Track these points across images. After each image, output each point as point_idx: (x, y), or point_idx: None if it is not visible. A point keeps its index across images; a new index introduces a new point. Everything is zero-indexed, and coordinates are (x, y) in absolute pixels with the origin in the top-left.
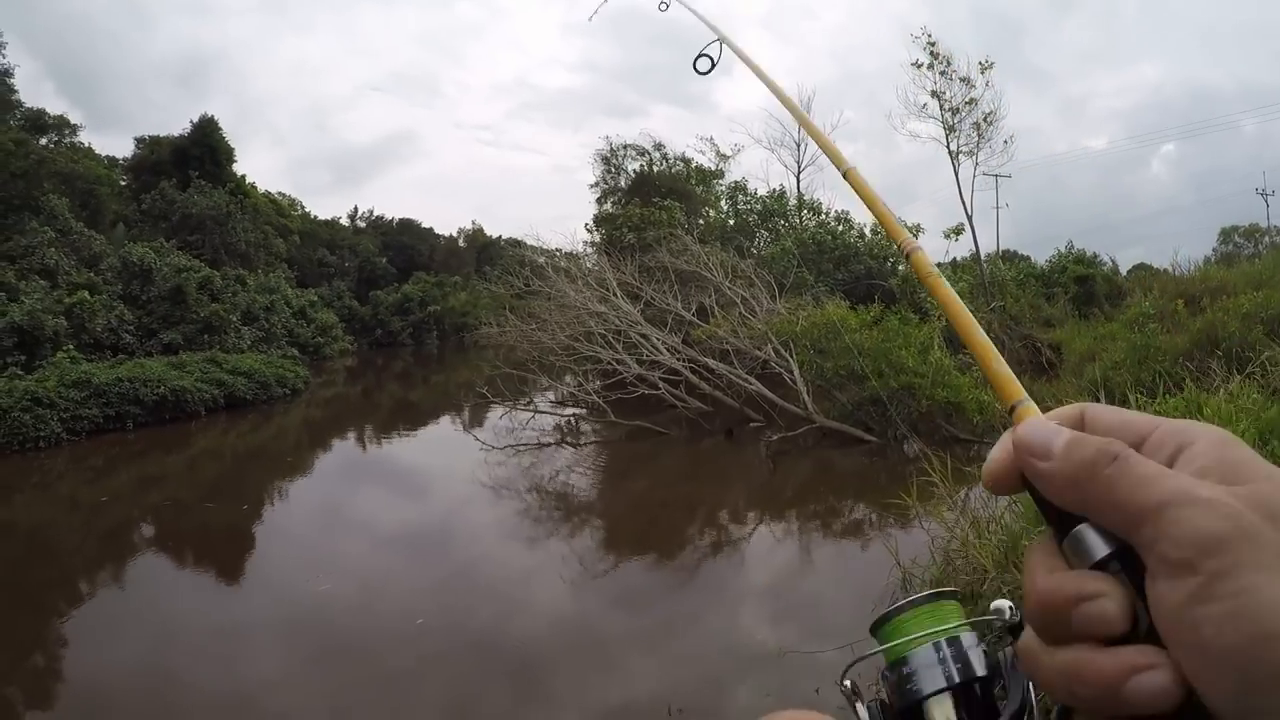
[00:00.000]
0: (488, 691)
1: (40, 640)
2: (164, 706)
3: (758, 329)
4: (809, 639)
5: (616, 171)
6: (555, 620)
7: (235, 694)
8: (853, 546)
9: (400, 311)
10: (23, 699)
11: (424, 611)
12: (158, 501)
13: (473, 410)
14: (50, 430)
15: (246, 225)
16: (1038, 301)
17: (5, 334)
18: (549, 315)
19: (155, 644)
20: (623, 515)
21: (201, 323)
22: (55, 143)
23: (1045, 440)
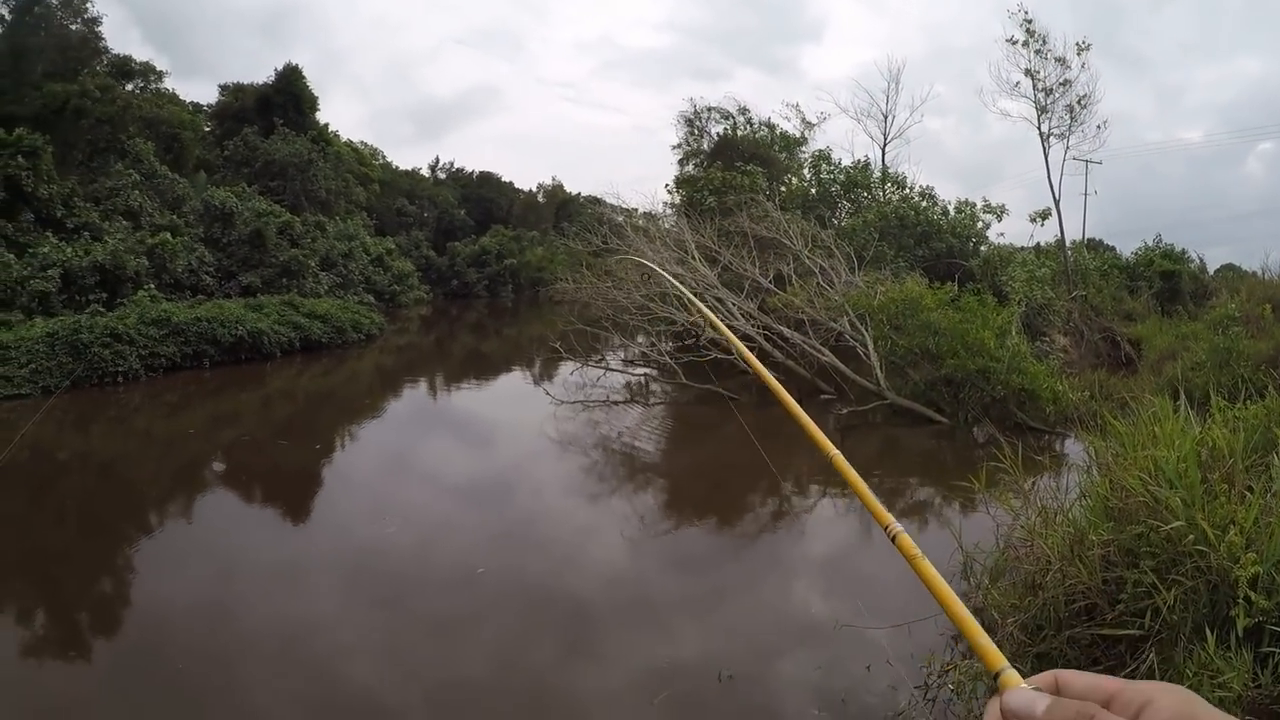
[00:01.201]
0: (539, 643)
1: (109, 567)
2: (221, 638)
3: (834, 300)
4: (861, 617)
5: (699, 134)
6: (611, 578)
7: (291, 630)
8: (912, 527)
9: (477, 263)
10: (89, 622)
11: (483, 561)
12: (230, 439)
13: (544, 364)
14: (128, 366)
15: (327, 172)
16: (1120, 294)
17: (88, 272)
18: (625, 274)
19: (218, 577)
20: (686, 478)
21: (280, 267)
22: (141, 89)
23: (1029, 706)
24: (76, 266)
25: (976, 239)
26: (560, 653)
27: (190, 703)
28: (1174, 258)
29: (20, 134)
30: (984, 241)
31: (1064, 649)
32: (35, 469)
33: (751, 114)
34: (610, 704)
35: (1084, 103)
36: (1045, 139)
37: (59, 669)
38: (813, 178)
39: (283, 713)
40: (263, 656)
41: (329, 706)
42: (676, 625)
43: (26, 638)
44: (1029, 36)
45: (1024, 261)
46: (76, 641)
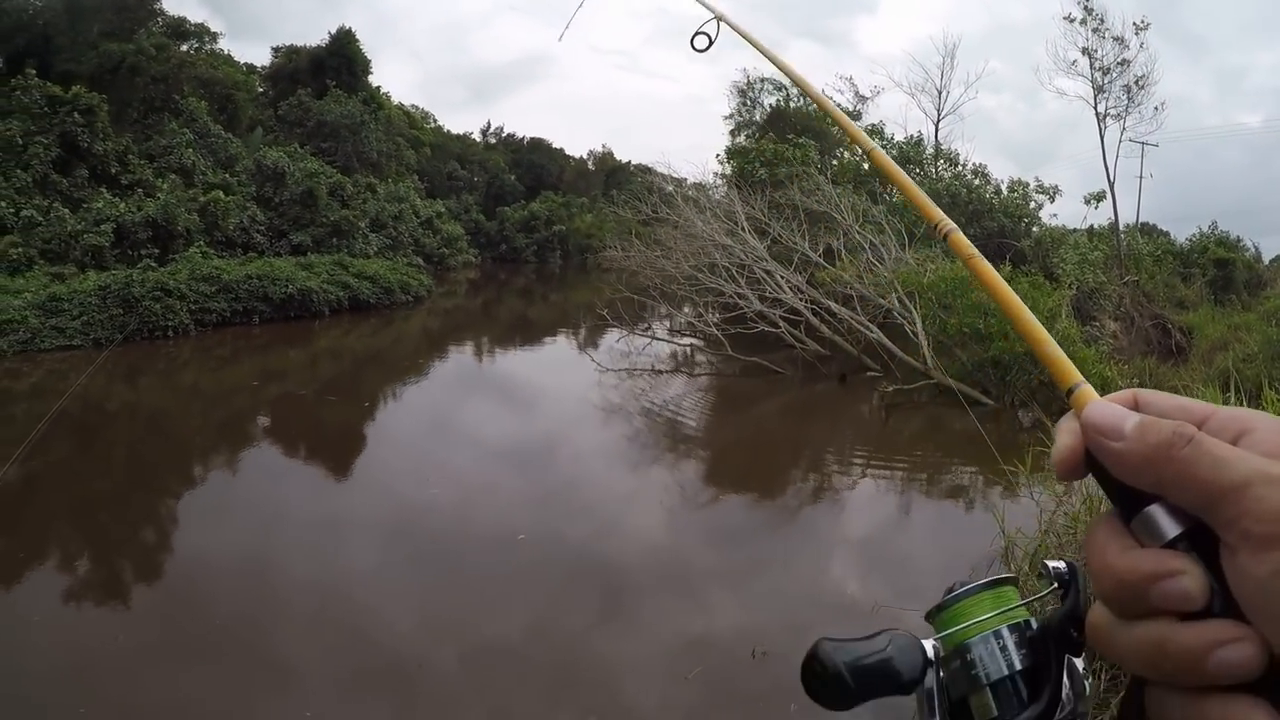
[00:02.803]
0: (575, 610)
1: (152, 517)
2: (260, 589)
3: (884, 277)
4: (897, 598)
5: (752, 105)
6: (650, 547)
7: (329, 587)
8: (955, 509)
9: (526, 229)
10: (131, 569)
11: (523, 525)
12: (276, 394)
13: (590, 331)
14: (179, 320)
15: (379, 135)
16: (1173, 281)
17: (141, 227)
18: (674, 243)
19: (259, 531)
20: (728, 449)
21: (330, 226)
22: (195, 49)
23: (1116, 422)
24: (129, 222)
25: (1029, 219)
26: (596, 621)
27: (226, 654)
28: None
29: (77, 91)
30: (1036, 222)
31: None
32: (85, 419)
33: None
34: (644, 675)
35: (1142, 83)
36: (1101, 119)
37: (99, 614)
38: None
39: (317, 668)
40: (300, 612)
41: (363, 663)
42: (712, 598)
43: (69, 582)
44: (1087, 14)
45: (1076, 244)
46: (117, 589)
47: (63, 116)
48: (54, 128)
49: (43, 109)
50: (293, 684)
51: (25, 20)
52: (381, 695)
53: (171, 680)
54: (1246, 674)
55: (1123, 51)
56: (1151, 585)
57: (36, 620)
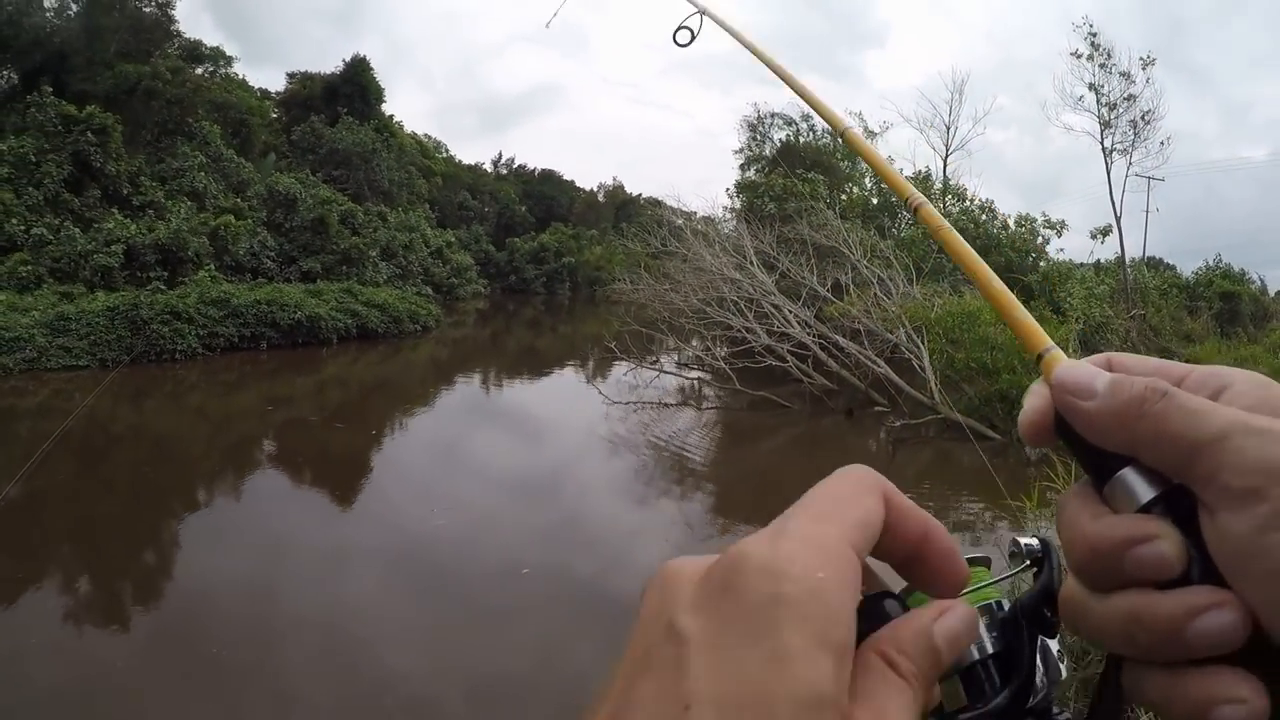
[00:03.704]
0: (579, 645)
1: (155, 540)
2: (260, 618)
3: (891, 311)
4: None
5: (762, 139)
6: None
7: (330, 615)
8: (962, 544)
9: (535, 260)
10: (131, 592)
11: (528, 559)
12: (283, 420)
13: (598, 363)
14: (187, 344)
15: (391, 163)
16: (1179, 314)
17: (151, 250)
18: (683, 277)
19: (261, 557)
20: (735, 483)
21: (341, 254)
22: (210, 73)
23: (1087, 380)
24: (140, 244)
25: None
26: (600, 656)
27: (226, 681)
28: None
29: (91, 111)
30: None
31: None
32: (90, 440)
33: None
34: None
35: (1148, 118)
36: (1108, 154)
37: (98, 637)
38: (874, 187)
39: (318, 697)
40: (300, 642)
41: (365, 693)
42: None
43: (69, 605)
44: (1093, 50)
45: (1083, 278)
46: (117, 613)
47: (76, 136)
48: (67, 146)
49: (56, 127)
50: (291, 715)
51: (42, 37)
52: None
53: (169, 708)
54: (1228, 643)
55: (1129, 87)
56: (1125, 552)
57: (34, 643)
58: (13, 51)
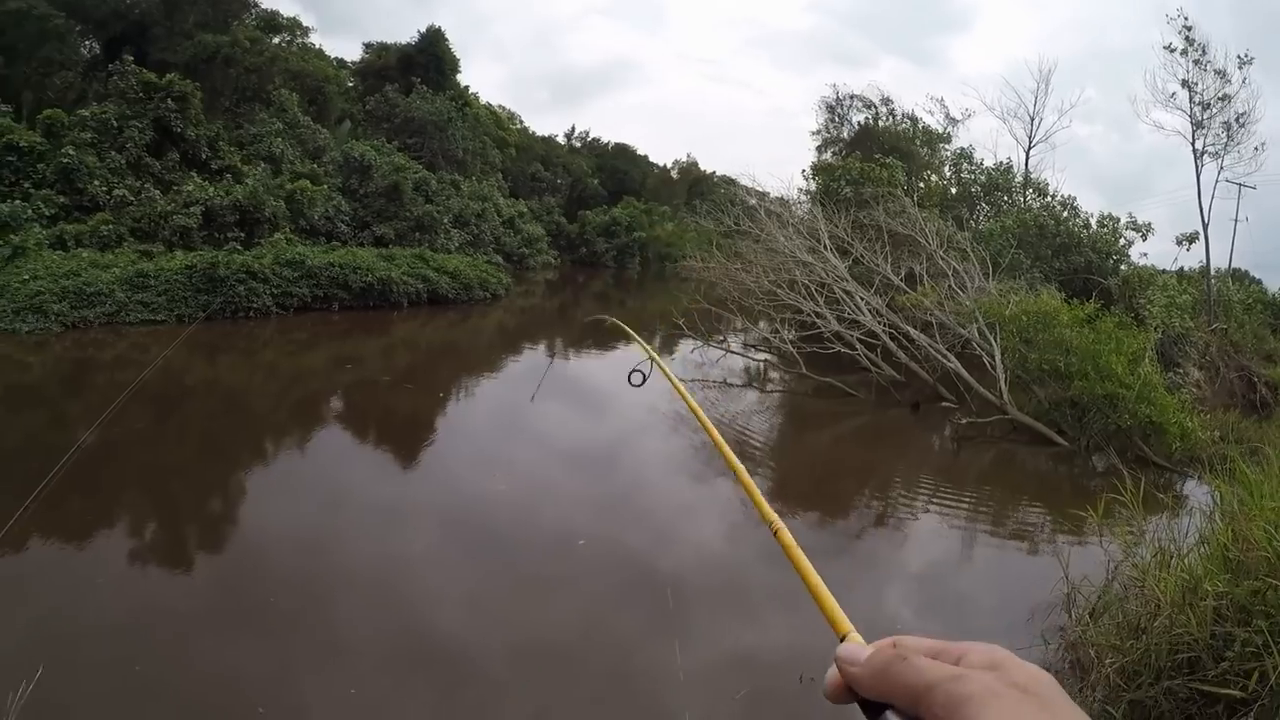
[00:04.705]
0: (628, 617)
1: (220, 488)
2: (315, 569)
3: (965, 306)
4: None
5: (840, 122)
6: (707, 561)
7: (385, 569)
8: (1019, 550)
9: (606, 233)
10: (197, 536)
11: (584, 530)
12: (351, 378)
13: (664, 339)
14: (261, 302)
15: (465, 133)
16: (1263, 332)
17: (228, 211)
18: (754, 257)
19: (321, 510)
20: (795, 469)
21: (414, 220)
22: (287, 43)
23: (855, 653)
24: (217, 205)
25: (1117, 256)
26: (647, 630)
27: (279, 627)
28: None
29: (171, 79)
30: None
31: (1160, 699)
32: (164, 392)
33: (894, 105)
34: (691, 689)
35: (1242, 121)
36: (1198, 157)
37: (160, 579)
38: (953, 176)
39: (366, 648)
40: (354, 592)
41: (411, 648)
42: (764, 617)
43: (135, 546)
44: (1188, 45)
45: (1165, 285)
46: (180, 556)
47: (157, 102)
48: (148, 112)
49: (138, 94)
50: (340, 660)
51: (122, 9)
52: (426, 680)
53: (223, 646)
54: None
55: (1224, 86)
56: None
57: (100, 581)
58: (94, 23)
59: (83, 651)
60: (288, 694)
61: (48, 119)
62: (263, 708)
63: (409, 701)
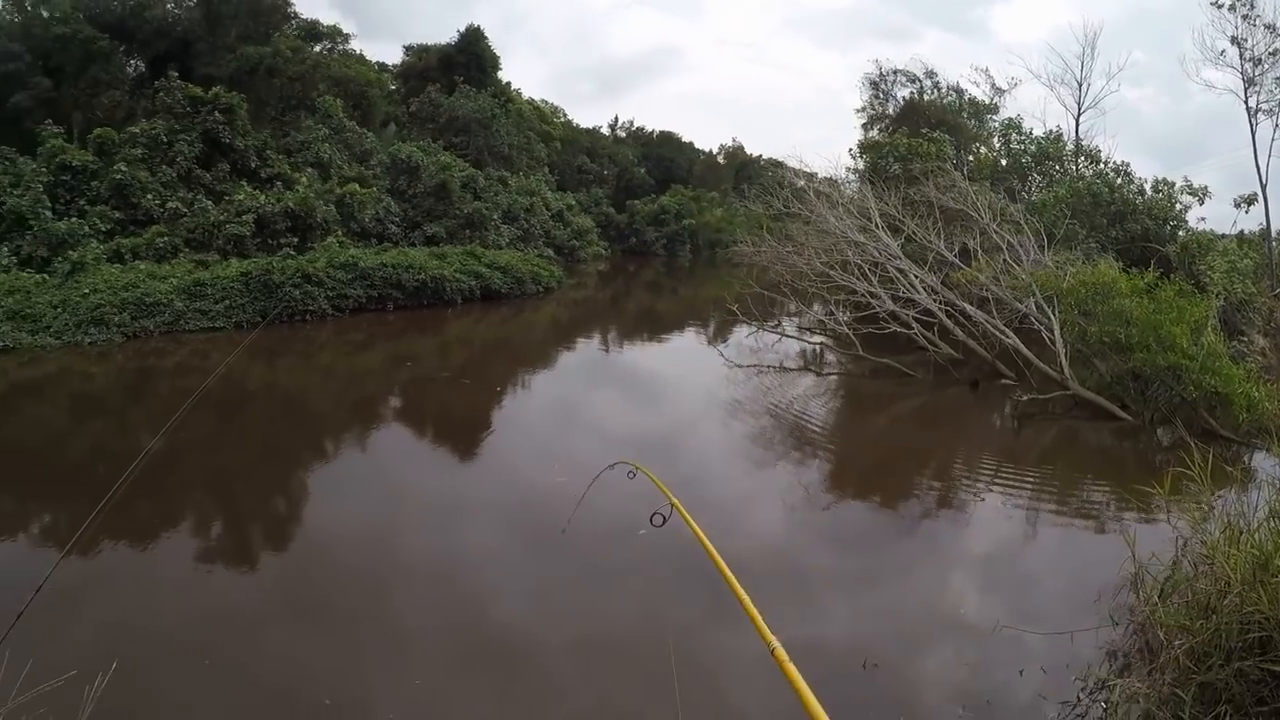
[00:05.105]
0: (686, 605)
1: (282, 489)
2: (377, 565)
3: (1021, 280)
4: (1019, 619)
5: (884, 98)
6: (768, 547)
7: (447, 564)
8: (1084, 530)
9: (655, 222)
10: (260, 535)
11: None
12: (408, 376)
13: (718, 326)
14: (317, 305)
15: (509, 129)
16: None
17: (280, 218)
18: (805, 239)
19: (382, 508)
20: (853, 452)
21: (463, 218)
22: (329, 50)
23: None
24: (269, 212)
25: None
26: (706, 617)
27: (343, 622)
28: None
29: (217, 92)
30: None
31: (1230, 682)
32: (225, 397)
33: (939, 78)
34: (752, 677)
35: None
36: (1253, 115)
37: (226, 577)
38: (1002, 147)
39: (429, 641)
40: (416, 587)
41: (473, 641)
42: (827, 604)
43: (202, 546)
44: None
45: (1225, 250)
46: (244, 554)
47: (204, 115)
48: (196, 126)
49: (185, 109)
50: (404, 653)
51: (164, 27)
52: (488, 673)
53: (289, 641)
54: None
55: (1275, 41)
56: None
57: (169, 579)
58: (138, 42)
59: (154, 647)
60: (352, 686)
61: (99, 138)
62: (329, 699)
63: (472, 692)
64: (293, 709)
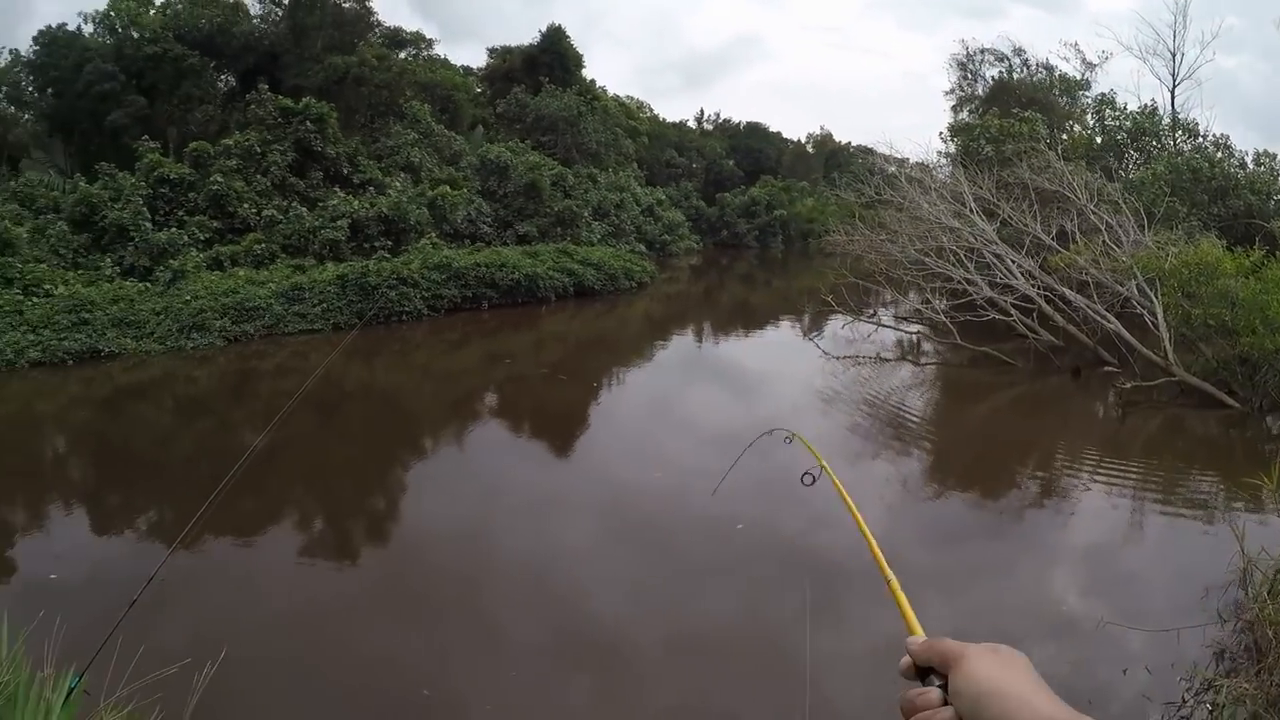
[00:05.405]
0: (783, 602)
1: (384, 485)
2: (474, 559)
3: (1121, 262)
4: (1122, 616)
5: (973, 78)
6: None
7: (544, 558)
8: (1190, 523)
9: (746, 214)
10: (360, 531)
11: (742, 514)
12: (504, 374)
13: (813, 317)
14: (413, 306)
15: (596, 126)
16: None
17: (374, 222)
18: (899, 226)
19: (481, 502)
20: (953, 445)
21: (554, 216)
22: (413, 56)
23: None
24: (363, 217)
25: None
26: (802, 614)
27: (440, 614)
28: None
29: (307, 102)
30: None
31: None
32: (324, 396)
33: (1027, 55)
34: (850, 676)
35: None
36: None
37: (326, 570)
38: (1096, 124)
39: (524, 635)
40: (512, 582)
41: (568, 635)
42: (925, 600)
43: (304, 541)
44: None
45: None
46: (344, 548)
47: (295, 125)
48: (288, 135)
49: (276, 120)
50: (499, 646)
51: (252, 42)
52: (582, 667)
53: (388, 633)
54: None
55: None
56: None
57: (273, 572)
58: (227, 57)
59: (259, 636)
60: (450, 677)
61: (194, 151)
62: (427, 690)
63: (566, 684)
64: (392, 699)
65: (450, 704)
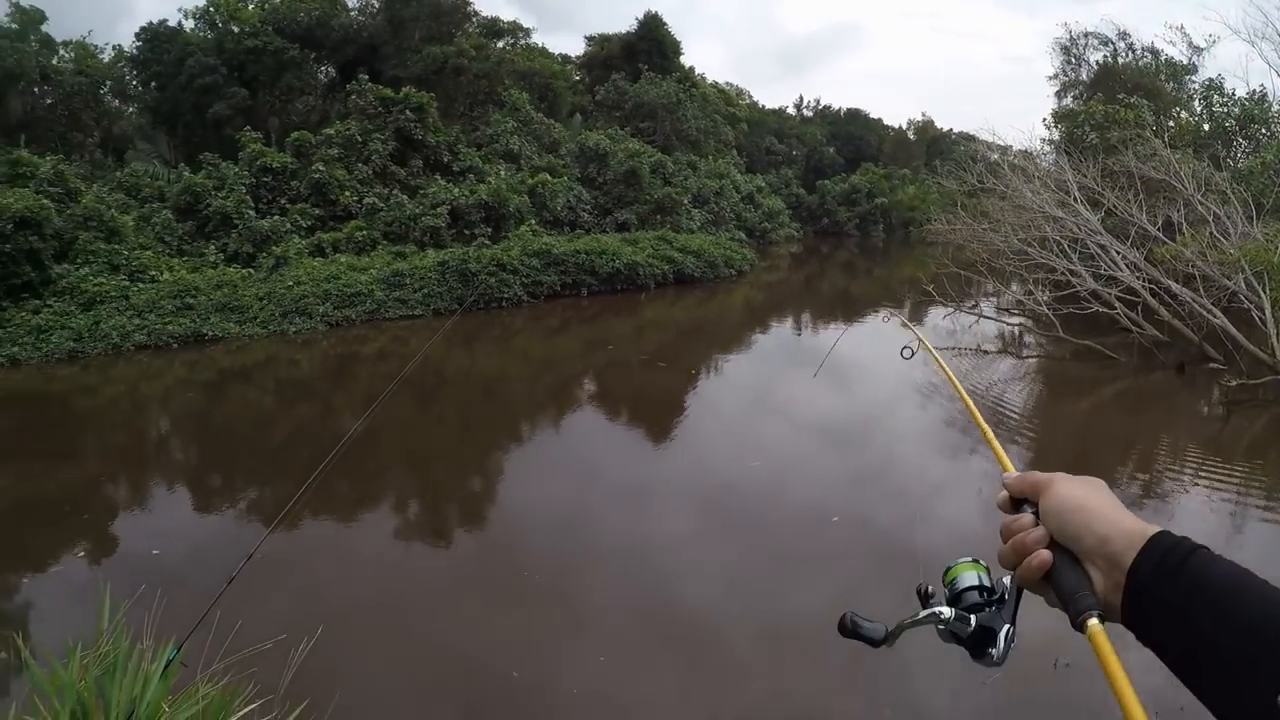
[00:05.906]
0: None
1: (480, 469)
2: (569, 542)
3: (1229, 254)
4: None
5: (1077, 63)
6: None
7: (639, 546)
8: None
9: (847, 202)
10: (456, 513)
11: (837, 506)
12: (603, 361)
13: (914, 307)
14: (512, 292)
15: (695, 113)
16: None
17: (474, 209)
18: (1001, 215)
19: (577, 488)
20: (1052, 441)
21: (654, 203)
22: (511, 45)
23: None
24: (463, 204)
25: None
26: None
27: (533, 598)
28: None
29: (407, 92)
30: None
31: None
32: (424, 380)
33: (1132, 39)
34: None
35: None
36: None
37: (420, 553)
38: (1203, 111)
39: (616, 621)
40: (607, 568)
41: (660, 623)
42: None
43: (400, 524)
44: None
45: None
46: (439, 532)
47: (396, 115)
48: (389, 125)
49: (376, 109)
50: (591, 631)
51: (351, 34)
52: (672, 654)
53: (480, 616)
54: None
55: None
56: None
57: (369, 553)
58: (326, 49)
59: (354, 616)
60: (539, 660)
61: (296, 140)
62: (516, 672)
63: (656, 671)
64: (482, 679)
65: (538, 686)
